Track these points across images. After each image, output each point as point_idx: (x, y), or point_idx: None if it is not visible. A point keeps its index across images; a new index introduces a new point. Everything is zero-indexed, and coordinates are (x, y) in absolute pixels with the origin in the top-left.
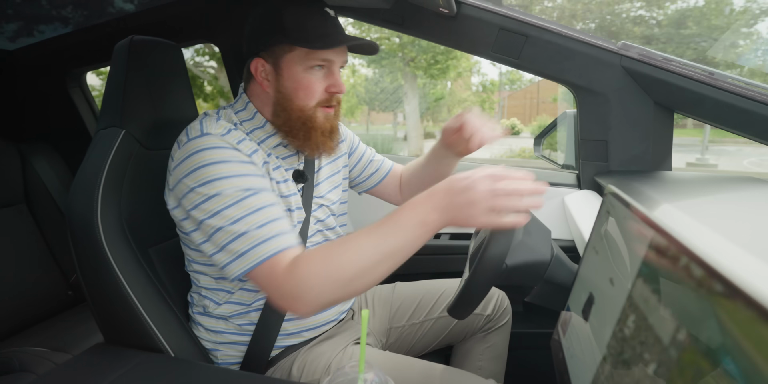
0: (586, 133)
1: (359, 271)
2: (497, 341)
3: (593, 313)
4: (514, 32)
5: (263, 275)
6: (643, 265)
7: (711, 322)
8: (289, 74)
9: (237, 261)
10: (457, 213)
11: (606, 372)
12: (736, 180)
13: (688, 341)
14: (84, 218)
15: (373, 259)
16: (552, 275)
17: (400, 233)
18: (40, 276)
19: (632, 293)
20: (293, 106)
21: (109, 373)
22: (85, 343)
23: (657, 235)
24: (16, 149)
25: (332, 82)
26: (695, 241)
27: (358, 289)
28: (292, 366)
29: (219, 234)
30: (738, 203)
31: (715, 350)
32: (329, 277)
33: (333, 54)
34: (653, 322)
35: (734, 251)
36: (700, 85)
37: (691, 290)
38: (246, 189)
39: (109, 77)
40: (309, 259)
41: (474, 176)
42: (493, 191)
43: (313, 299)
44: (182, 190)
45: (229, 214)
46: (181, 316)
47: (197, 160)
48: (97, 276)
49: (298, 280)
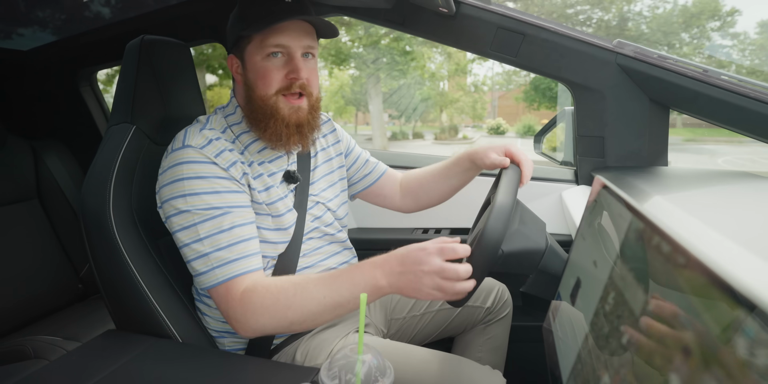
0: (583, 129)
1: (303, 316)
2: (497, 333)
3: (580, 296)
4: (511, 31)
5: (219, 295)
6: (623, 246)
7: (676, 293)
8: (251, 65)
9: (198, 277)
10: (405, 283)
11: (588, 347)
12: (729, 175)
13: (656, 311)
14: (97, 210)
15: (318, 308)
16: (546, 265)
17: (350, 290)
18: (52, 270)
19: (612, 273)
20: (255, 96)
21: (120, 357)
22: (96, 332)
23: (634, 217)
24: (29, 146)
25: (290, 68)
26: (671, 224)
27: (296, 329)
28: (296, 353)
29: (186, 250)
30: (726, 196)
31: (676, 315)
32: (275, 315)
33: (287, 38)
34: (628, 297)
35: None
36: (694, 82)
37: (660, 266)
38: (217, 207)
39: (120, 75)
40: (263, 292)
41: (427, 248)
42: (441, 269)
43: (253, 328)
44: (162, 198)
45: (196, 232)
46: (189, 305)
47: (174, 173)
48: (109, 265)
49: (246, 309)
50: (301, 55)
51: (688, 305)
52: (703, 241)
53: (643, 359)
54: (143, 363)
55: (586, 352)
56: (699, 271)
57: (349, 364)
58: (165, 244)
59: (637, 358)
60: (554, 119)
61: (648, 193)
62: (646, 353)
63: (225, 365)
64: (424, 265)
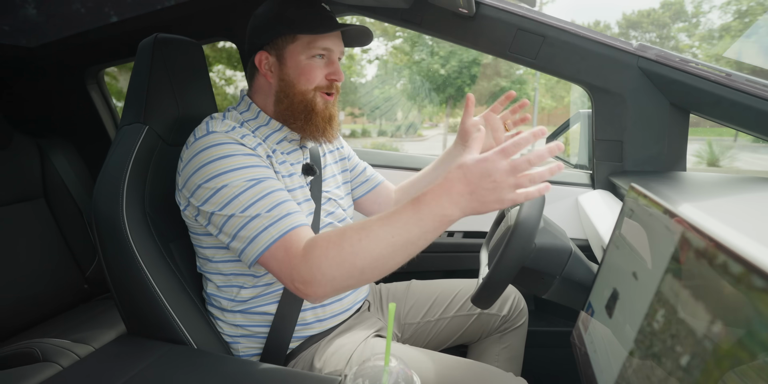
0: (601, 133)
1: (373, 261)
2: (513, 342)
3: (618, 309)
4: (532, 32)
5: (277, 257)
6: (671, 261)
7: (748, 315)
8: (292, 63)
9: (250, 245)
10: (480, 200)
11: (634, 365)
12: (750, 180)
13: (724, 333)
14: (110, 212)
15: (388, 250)
16: (571, 271)
17: (418, 225)
18: (57, 270)
19: (661, 288)
20: (295, 91)
21: (136, 364)
22: (104, 335)
23: (687, 232)
24: (35, 144)
25: (332, 69)
26: (728, 238)
27: (370, 278)
28: (314, 358)
29: (231, 222)
30: (754, 203)
31: (752, 341)
32: (343, 265)
33: (332, 43)
34: (684, 316)
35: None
36: (717, 86)
37: (727, 285)
38: (251, 179)
39: (132, 74)
40: (324, 244)
41: (488, 158)
42: (513, 168)
43: (325, 285)
44: (191, 188)
45: (239, 203)
46: (203, 310)
47: (203, 157)
48: (122, 268)
49: (312, 265)
50: (337, 57)
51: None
52: None
53: (711, 380)
54: (160, 371)
55: (631, 369)
56: None
57: (375, 374)
58: (177, 247)
59: (701, 381)
60: (567, 122)
61: (692, 204)
62: (714, 380)
63: (244, 374)
64: (495, 174)
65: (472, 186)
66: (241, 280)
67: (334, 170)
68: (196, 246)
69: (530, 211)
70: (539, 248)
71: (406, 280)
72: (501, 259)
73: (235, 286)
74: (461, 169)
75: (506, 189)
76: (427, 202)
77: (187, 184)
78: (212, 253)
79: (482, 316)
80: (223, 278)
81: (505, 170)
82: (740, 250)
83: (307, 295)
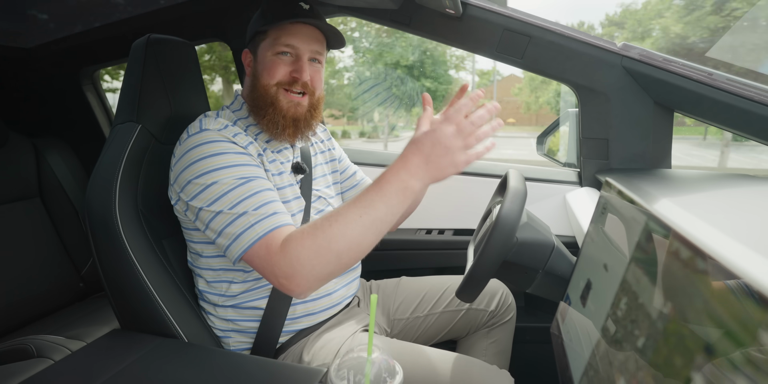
0: (587, 131)
1: (348, 243)
2: (501, 337)
3: (590, 299)
4: (518, 33)
5: (259, 255)
6: (636, 250)
7: (694, 296)
8: (261, 58)
9: (235, 242)
10: (436, 166)
11: (601, 352)
12: (731, 177)
13: (673, 313)
14: (103, 210)
15: (359, 230)
16: (553, 266)
17: (383, 201)
18: (53, 268)
19: (626, 277)
20: (259, 85)
21: (126, 357)
22: (98, 332)
23: (649, 221)
24: (31, 144)
25: (296, 67)
26: (684, 226)
27: (347, 262)
28: (303, 352)
29: (218, 218)
30: (733, 198)
31: (696, 320)
32: (320, 251)
33: (298, 40)
34: (643, 301)
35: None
36: (699, 86)
37: (679, 270)
38: (241, 177)
39: (126, 74)
40: (299, 236)
41: (435, 127)
42: (459, 130)
43: (306, 275)
44: (181, 183)
45: (227, 200)
46: (194, 305)
47: (195, 154)
48: (114, 265)
49: (291, 258)
50: (308, 58)
51: (707, 308)
52: (722, 246)
53: (661, 363)
54: (150, 363)
55: (598, 356)
56: (720, 274)
57: (358, 364)
58: (170, 243)
59: (654, 362)
60: (557, 121)
61: (662, 196)
62: (663, 357)
63: (233, 366)
64: (443, 139)
65: (425, 155)
66: (231, 276)
67: (324, 170)
68: (187, 241)
69: (511, 206)
70: (522, 243)
71: (396, 276)
72: (483, 253)
73: (225, 281)
74: (413, 143)
75: (457, 152)
76: (387, 179)
77: (178, 179)
78: (202, 248)
79: (470, 312)
80: (213, 274)
81: (452, 134)
82: (688, 235)
83: (291, 290)
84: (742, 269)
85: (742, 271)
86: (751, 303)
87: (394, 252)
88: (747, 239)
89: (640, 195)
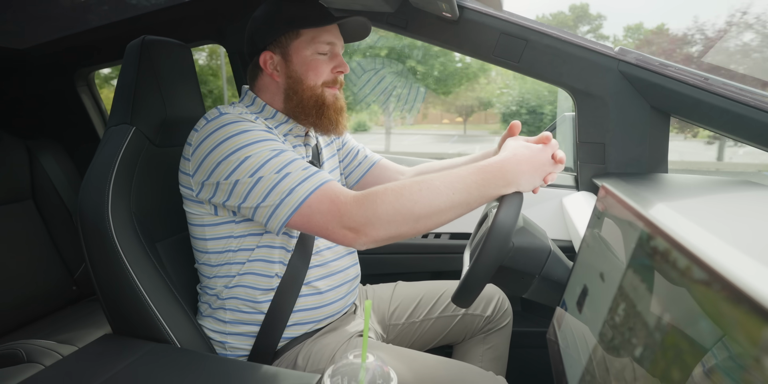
0: (584, 135)
1: (431, 211)
2: (498, 342)
3: (587, 305)
4: (514, 36)
5: (321, 209)
6: (632, 256)
7: (691, 307)
8: (298, 60)
9: (287, 199)
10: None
11: (597, 359)
12: (728, 183)
13: (671, 325)
14: (95, 212)
15: (447, 204)
16: (549, 271)
17: (479, 190)
18: (46, 271)
19: (623, 283)
20: (304, 87)
21: (117, 363)
22: (90, 336)
23: (646, 228)
24: (24, 146)
25: (337, 62)
26: (681, 234)
27: (422, 228)
28: (298, 357)
29: (260, 184)
30: (729, 204)
31: (694, 332)
32: (401, 210)
33: (334, 36)
34: (641, 309)
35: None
36: (696, 90)
37: (676, 279)
38: (273, 149)
39: (120, 76)
40: (382, 190)
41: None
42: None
43: (379, 228)
44: (209, 167)
45: (268, 168)
46: (188, 309)
47: (220, 134)
48: (106, 268)
49: (368, 209)
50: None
51: (705, 317)
52: (721, 254)
53: (658, 373)
54: (141, 369)
55: (595, 363)
56: (717, 282)
57: (352, 371)
58: (163, 247)
59: (651, 371)
60: (553, 124)
61: (658, 201)
62: (661, 369)
63: (226, 372)
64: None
65: (535, 167)
66: (237, 278)
67: (332, 164)
68: (196, 239)
69: (507, 211)
70: (517, 248)
71: (392, 280)
72: (478, 259)
73: (230, 281)
74: (529, 150)
75: (537, 177)
76: (493, 171)
77: (203, 165)
78: (212, 245)
79: (466, 317)
80: (219, 271)
81: (549, 162)
82: (686, 243)
83: (356, 240)
84: (738, 277)
85: (738, 279)
86: (749, 312)
87: (389, 256)
88: (744, 245)
89: (635, 200)
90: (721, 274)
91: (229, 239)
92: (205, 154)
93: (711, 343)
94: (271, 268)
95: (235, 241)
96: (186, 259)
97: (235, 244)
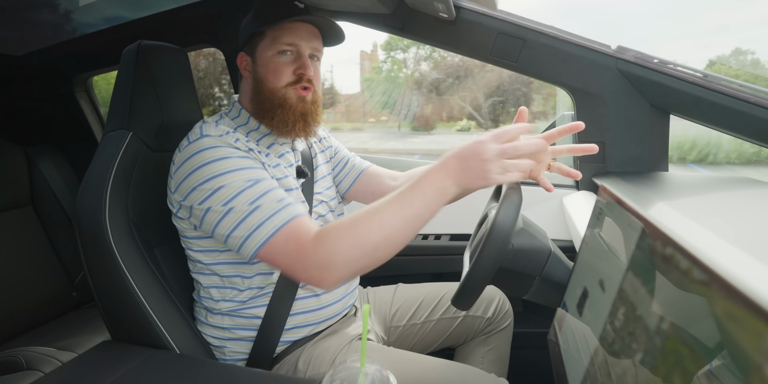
0: (583, 134)
1: (386, 236)
2: (499, 344)
3: (587, 307)
4: (512, 36)
5: (285, 247)
6: (632, 258)
7: (693, 308)
8: (261, 61)
9: (253, 234)
10: (471, 176)
11: (598, 363)
12: (729, 181)
13: (672, 330)
14: (93, 218)
15: (399, 223)
16: (550, 272)
17: (420, 199)
18: (46, 278)
19: (623, 286)
20: (265, 88)
21: (117, 370)
22: (90, 342)
23: (645, 229)
24: (23, 152)
25: (299, 64)
26: (682, 234)
27: (383, 255)
28: (298, 361)
29: (229, 216)
30: (730, 202)
31: (697, 334)
32: (359, 243)
33: (297, 37)
34: (642, 311)
35: (719, 244)
36: (695, 87)
37: (677, 279)
38: (248, 180)
39: (116, 81)
40: (337, 226)
41: (481, 139)
42: (501, 151)
43: (342, 266)
44: (184, 191)
45: (239, 200)
46: (187, 315)
47: (198, 159)
48: (104, 274)
49: (328, 248)
50: (308, 55)
51: (707, 320)
52: (722, 254)
53: (660, 377)
54: (141, 375)
55: (597, 365)
56: (718, 282)
57: (351, 375)
58: (162, 252)
59: (653, 374)
60: (553, 124)
61: (658, 200)
62: (663, 372)
63: (225, 378)
64: (484, 154)
65: (465, 163)
66: (231, 284)
67: (325, 170)
68: (186, 250)
69: (507, 213)
70: (517, 249)
71: (393, 282)
72: (478, 260)
73: (227, 287)
74: (458, 149)
75: (492, 169)
76: (427, 177)
77: (180, 187)
78: (203, 257)
79: (467, 319)
80: (213, 282)
81: (494, 153)
82: (687, 244)
83: (323, 281)
84: (738, 277)
85: (738, 279)
86: (750, 313)
87: None
88: (744, 244)
89: (635, 200)
90: (722, 275)
91: (216, 252)
92: (183, 177)
93: (713, 344)
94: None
95: (222, 254)
96: (184, 264)
97: (223, 257)
